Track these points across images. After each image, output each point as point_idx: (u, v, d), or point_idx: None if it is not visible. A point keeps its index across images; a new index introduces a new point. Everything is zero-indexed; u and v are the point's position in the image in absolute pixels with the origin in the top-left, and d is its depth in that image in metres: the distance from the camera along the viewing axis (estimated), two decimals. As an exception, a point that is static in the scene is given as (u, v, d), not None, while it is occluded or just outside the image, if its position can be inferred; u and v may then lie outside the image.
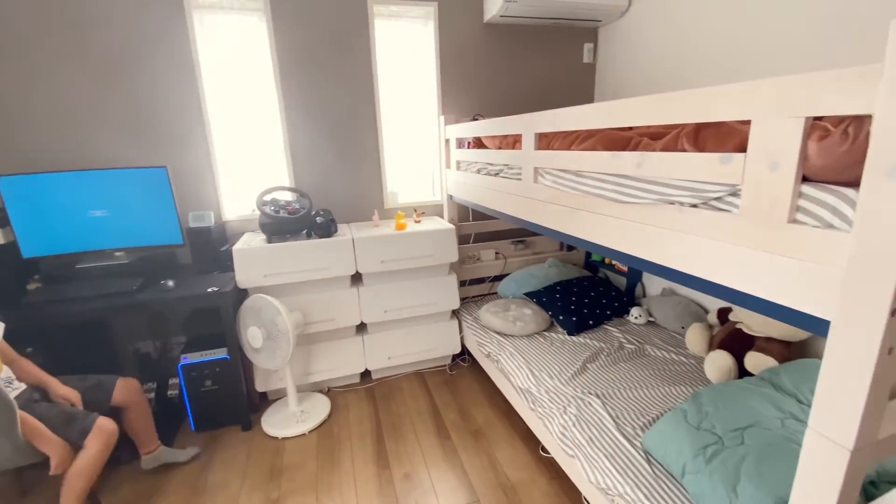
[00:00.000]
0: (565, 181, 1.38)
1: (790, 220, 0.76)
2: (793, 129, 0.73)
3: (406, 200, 2.75)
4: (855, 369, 0.67)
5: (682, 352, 2.02)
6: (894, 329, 0.64)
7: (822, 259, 0.72)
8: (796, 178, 0.74)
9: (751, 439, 1.21)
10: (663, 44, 2.31)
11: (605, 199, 1.19)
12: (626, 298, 2.53)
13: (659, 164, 1.01)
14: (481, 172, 2.05)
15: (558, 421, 1.62)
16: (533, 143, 1.54)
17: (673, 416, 1.38)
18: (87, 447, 1.41)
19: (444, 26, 2.56)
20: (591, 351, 2.04)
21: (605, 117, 1.16)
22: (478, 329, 2.40)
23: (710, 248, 0.90)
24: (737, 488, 1.10)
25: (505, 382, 2.04)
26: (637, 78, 2.54)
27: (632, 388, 1.74)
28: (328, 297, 2.25)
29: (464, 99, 2.69)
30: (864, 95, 0.64)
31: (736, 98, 0.82)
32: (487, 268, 2.80)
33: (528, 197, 1.60)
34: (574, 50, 2.84)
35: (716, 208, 0.90)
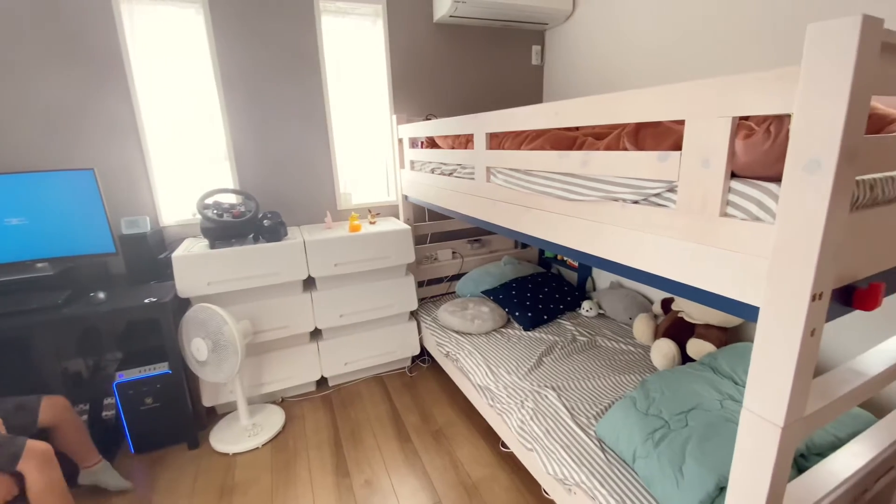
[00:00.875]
0: (516, 180, 1.40)
1: (721, 214, 0.81)
2: (721, 128, 0.78)
3: (360, 201, 2.70)
4: (782, 351, 0.72)
5: (630, 341, 2.11)
6: (815, 313, 0.70)
7: (750, 250, 0.77)
8: (726, 174, 0.79)
9: (694, 421, 1.29)
10: (606, 47, 2.41)
11: (554, 197, 1.22)
12: (577, 293, 2.62)
13: (602, 162, 1.05)
14: (435, 172, 2.05)
15: (516, 416, 1.64)
16: (484, 142, 1.55)
17: (623, 403, 1.44)
18: (26, 474, 1.29)
19: (394, 25, 2.53)
20: (547, 345, 2.10)
21: (551, 117, 1.19)
22: (437, 329, 2.39)
23: (650, 242, 0.95)
24: (682, 468, 1.16)
25: (464, 381, 2.05)
26: (582, 79, 2.64)
27: (585, 379, 1.80)
28: (279, 304, 2.17)
29: (416, 98, 2.68)
30: (784, 96, 0.69)
31: (670, 99, 0.86)
32: (445, 267, 2.81)
33: (482, 196, 1.62)
34: (523, 52, 2.90)
35: (655, 204, 0.94)
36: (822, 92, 0.62)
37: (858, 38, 0.58)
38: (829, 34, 0.61)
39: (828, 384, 0.87)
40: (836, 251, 0.69)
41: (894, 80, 0.70)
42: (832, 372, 0.92)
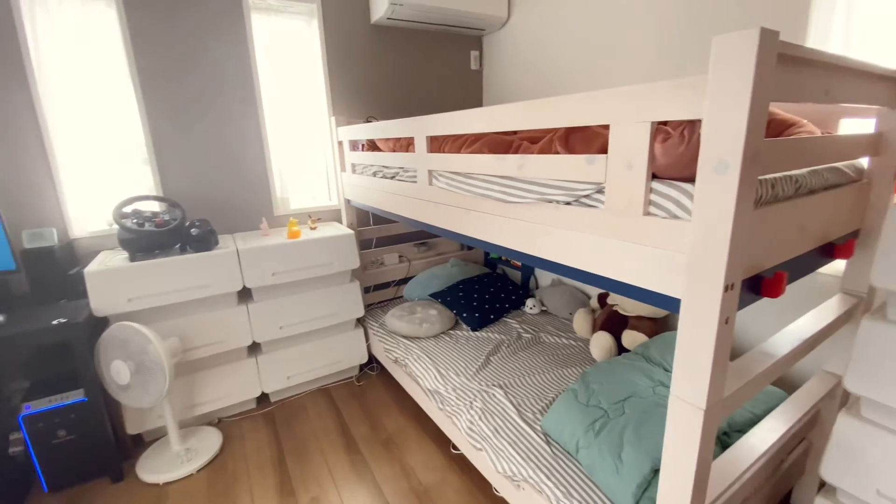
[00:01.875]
0: (458, 183, 1.41)
1: (644, 213, 0.86)
2: (641, 132, 0.82)
3: (300, 206, 2.59)
4: (700, 339, 0.78)
5: (571, 336, 2.20)
6: (728, 302, 0.76)
7: (670, 246, 0.82)
8: (647, 175, 0.84)
9: (630, 409, 1.36)
10: (541, 53, 2.50)
11: (494, 199, 1.24)
12: (521, 291, 2.69)
13: (537, 165, 1.08)
14: (377, 175, 2.01)
15: (465, 417, 1.65)
16: (425, 145, 1.55)
17: (565, 397, 1.49)
18: None
19: (330, 25, 2.47)
20: (494, 344, 2.13)
21: (487, 121, 1.20)
22: (384, 335, 2.35)
23: (582, 241, 0.99)
24: (621, 455, 1.22)
25: (414, 386, 2.03)
26: (520, 84, 2.72)
27: (530, 375, 1.85)
28: (212, 318, 2.03)
29: (356, 100, 2.63)
30: (694, 103, 0.74)
31: (595, 105, 0.90)
32: (391, 272, 2.77)
33: (425, 199, 1.61)
34: (462, 56, 2.94)
35: (586, 205, 0.98)
36: (726, 99, 0.68)
37: (757, 50, 0.64)
38: (731, 46, 0.66)
39: (743, 367, 0.95)
40: (745, 245, 0.75)
41: (790, 88, 0.79)
42: (746, 355, 1.01)
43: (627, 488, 1.15)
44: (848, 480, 1.14)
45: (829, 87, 0.89)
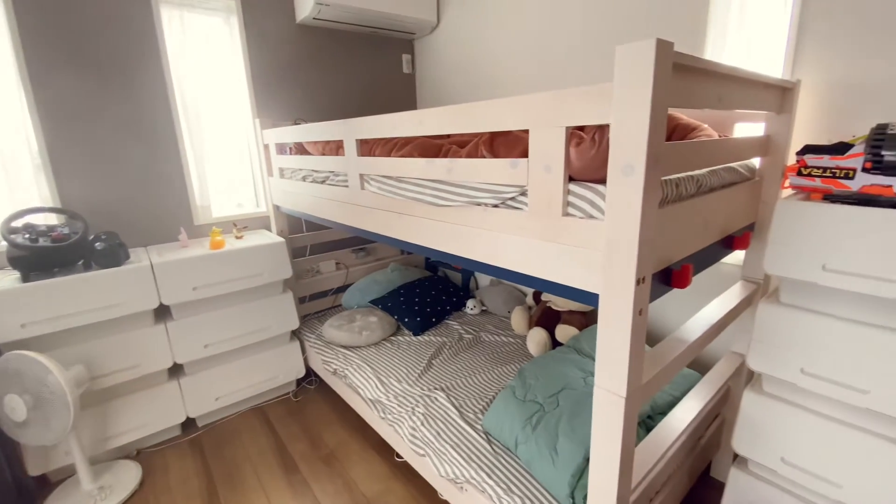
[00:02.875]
0: (389, 187, 1.39)
1: (564, 214, 0.89)
2: (557, 136, 0.86)
3: (223, 214, 2.43)
4: (618, 330, 0.82)
5: (510, 333, 2.25)
6: (640, 295, 0.81)
7: (588, 244, 0.86)
8: (564, 178, 0.88)
9: (564, 401, 1.41)
10: (471, 58, 2.55)
11: (425, 203, 1.23)
12: (462, 293, 2.71)
13: (465, 169, 1.09)
14: (307, 180, 1.94)
15: (408, 423, 1.63)
16: (355, 149, 1.51)
17: (504, 394, 1.52)
18: None
19: (252, 23, 2.34)
20: (435, 347, 2.13)
21: (415, 125, 1.20)
22: (322, 346, 2.27)
23: (510, 242, 1.01)
24: (556, 446, 1.26)
25: (355, 397, 1.97)
26: (452, 88, 2.75)
27: (472, 375, 1.87)
28: (124, 340, 1.84)
29: (282, 102, 2.51)
30: (603, 108, 0.78)
31: (515, 110, 0.92)
32: (328, 280, 2.68)
33: (357, 204, 1.57)
34: (394, 59, 2.92)
35: (511, 207, 1.01)
36: (629, 104, 0.72)
37: (654, 59, 0.68)
38: (631, 55, 0.70)
39: (658, 354, 1.02)
40: (653, 241, 0.81)
41: (686, 95, 0.85)
42: (661, 343, 1.08)
43: (563, 478, 1.19)
44: (756, 451, 1.26)
45: (721, 94, 0.98)
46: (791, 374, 1.14)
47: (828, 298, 1.10)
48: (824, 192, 1.15)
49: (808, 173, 1.18)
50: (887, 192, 1.05)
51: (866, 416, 1.08)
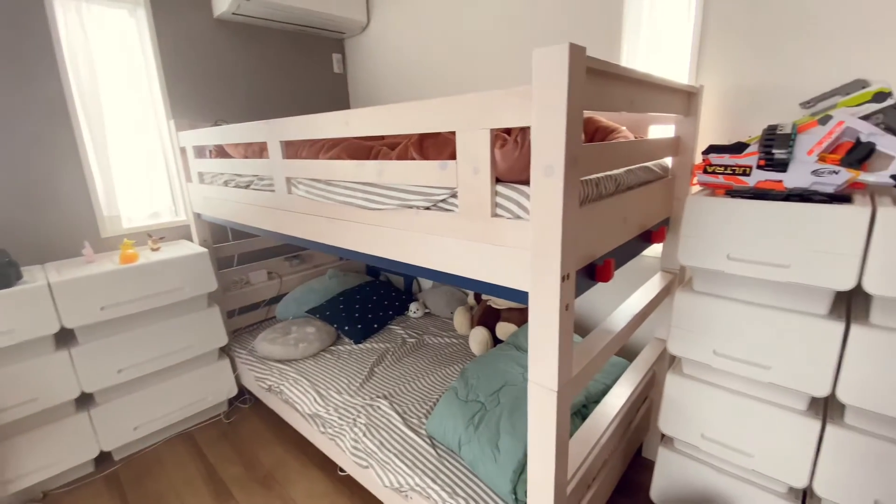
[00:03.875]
0: (318, 191, 1.33)
1: (493, 215, 0.90)
2: (483, 138, 0.86)
3: (136, 224, 2.21)
4: (546, 326, 0.84)
5: (453, 334, 2.26)
6: (566, 291, 0.83)
7: (516, 243, 0.87)
8: (491, 179, 0.89)
9: (504, 398, 1.43)
10: (403, 58, 2.53)
11: (356, 206, 1.19)
12: (405, 296, 2.68)
13: (395, 171, 1.07)
14: (230, 185, 1.81)
15: (349, 436, 1.57)
16: (280, 151, 1.44)
17: (446, 396, 1.51)
18: None
19: (162, 17, 2.16)
20: (378, 354, 2.08)
21: (341, 126, 1.16)
22: (255, 362, 2.13)
23: (442, 244, 1.00)
24: (498, 444, 1.28)
25: (293, 413, 1.88)
26: (386, 89, 2.71)
27: (415, 380, 1.84)
28: (19, 371, 1.61)
29: (201, 102, 2.34)
30: (524, 111, 0.80)
31: (442, 111, 0.92)
32: (260, 291, 2.53)
33: (284, 209, 1.49)
34: (323, 59, 2.83)
35: (443, 209, 1.00)
36: (547, 107, 0.74)
37: (568, 63, 0.70)
38: (546, 58, 0.72)
39: (587, 346, 1.06)
40: (576, 239, 0.83)
41: (600, 98, 0.89)
42: (589, 336, 1.13)
43: (505, 475, 1.21)
44: (679, 429, 1.36)
45: (633, 98, 1.04)
46: (705, 355, 1.24)
47: (733, 285, 1.20)
48: (726, 187, 1.27)
49: (713, 171, 1.28)
50: (778, 187, 1.17)
51: (770, 390, 1.19)
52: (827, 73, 1.31)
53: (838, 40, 1.27)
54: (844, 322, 1.04)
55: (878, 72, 1.23)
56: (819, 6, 1.29)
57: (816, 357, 1.07)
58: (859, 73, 1.26)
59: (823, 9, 1.28)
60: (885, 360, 0.99)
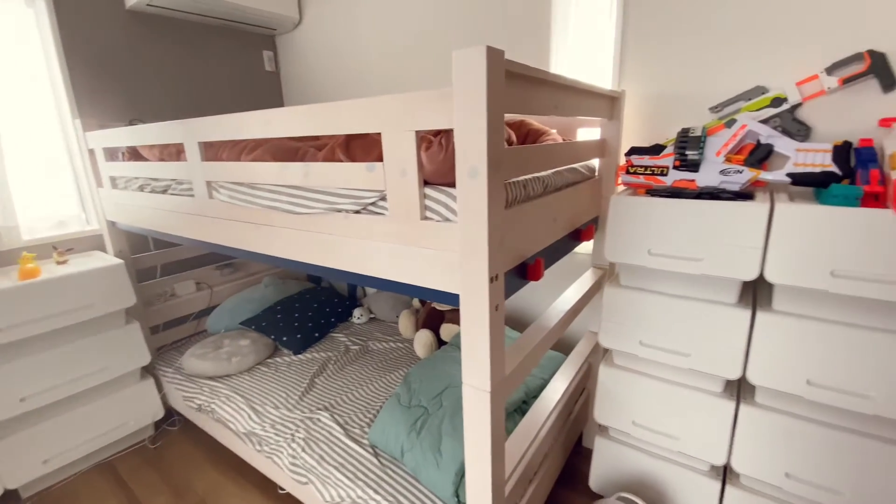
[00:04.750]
0: (241, 195, 1.25)
1: (422, 218, 0.89)
2: (408, 140, 0.85)
3: (39, 235, 1.98)
4: (477, 327, 0.84)
5: (398, 339, 2.23)
6: (495, 292, 0.83)
7: (446, 246, 0.87)
8: (419, 182, 0.87)
9: (447, 400, 1.43)
10: (338, 57, 2.46)
11: (282, 211, 1.14)
12: (348, 302, 2.61)
13: (322, 173, 1.03)
14: (145, 190, 1.67)
15: (287, 452, 1.50)
16: (198, 153, 1.34)
17: (389, 403, 1.48)
18: None
19: (66, 7, 1.95)
20: (319, 364, 2.00)
21: (263, 126, 1.10)
22: (183, 381, 1.98)
23: (373, 249, 0.98)
24: (440, 448, 1.27)
25: (226, 432, 1.76)
26: (321, 88, 2.63)
27: (358, 388, 1.79)
28: None
29: (112, 100, 2.14)
30: (446, 113, 0.79)
31: (367, 112, 0.89)
32: (188, 303, 2.36)
33: (206, 215, 1.39)
34: (254, 56, 2.69)
35: (373, 212, 0.98)
36: (468, 110, 0.74)
37: (486, 65, 0.70)
38: (465, 60, 0.72)
39: (520, 345, 1.08)
40: (503, 240, 0.84)
41: (522, 101, 0.90)
42: (523, 334, 1.15)
43: (447, 478, 1.20)
44: (613, 418, 1.42)
45: (557, 102, 1.07)
46: (632, 346, 1.31)
47: (655, 278, 1.27)
48: (647, 187, 1.34)
49: (634, 171, 1.36)
50: (691, 186, 1.26)
51: (690, 376, 1.28)
52: (732, 80, 1.42)
53: (742, 51, 1.39)
54: (751, 309, 1.13)
55: (775, 79, 1.36)
56: (724, 20, 1.40)
57: (728, 342, 1.15)
58: (759, 81, 1.38)
59: (728, 22, 1.39)
60: (786, 342, 1.09)
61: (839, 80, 1.25)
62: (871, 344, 0.99)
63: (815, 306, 1.07)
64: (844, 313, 1.04)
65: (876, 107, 1.24)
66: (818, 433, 1.10)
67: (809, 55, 1.30)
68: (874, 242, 0.94)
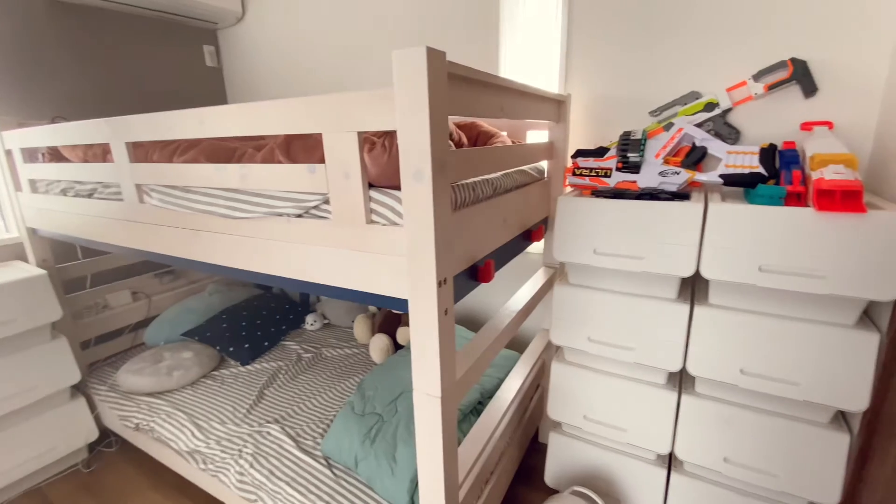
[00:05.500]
0: (175, 199, 1.17)
1: (368, 222, 0.86)
2: (350, 141, 0.82)
3: (-57, 246, 1.78)
4: (426, 332, 0.82)
5: (353, 344, 2.18)
6: (444, 296, 0.82)
7: (393, 251, 0.85)
8: (363, 184, 0.85)
9: (402, 406, 1.40)
10: (282, 53, 2.37)
11: (219, 215, 1.07)
12: (301, 308, 2.52)
13: (260, 176, 0.98)
14: (69, 193, 1.53)
15: (234, 469, 1.42)
16: (127, 154, 1.24)
17: (342, 413, 1.44)
18: None
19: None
20: (269, 374, 1.92)
21: (196, 125, 1.03)
22: (118, 398, 1.83)
23: (317, 254, 0.94)
24: (395, 455, 1.24)
25: (168, 452, 1.64)
26: (267, 85, 2.52)
27: (311, 398, 1.73)
28: None
29: (32, 97, 1.95)
30: (388, 114, 0.77)
31: (307, 112, 0.86)
32: (123, 315, 2.19)
33: (136, 220, 1.30)
34: (193, 51, 2.54)
35: (316, 216, 0.94)
36: (410, 111, 0.72)
37: (427, 67, 0.69)
38: (406, 61, 0.70)
39: (472, 347, 1.08)
40: (451, 243, 0.83)
41: (466, 103, 0.90)
42: (475, 336, 1.14)
43: (402, 486, 1.18)
44: (565, 414, 1.45)
45: (503, 104, 1.07)
46: (581, 342, 1.34)
47: (601, 276, 1.31)
48: (592, 188, 1.38)
49: (581, 173, 1.39)
50: (633, 187, 1.30)
51: (635, 369, 1.32)
52: (670, 85, 1.49)
53: (678, 57, 1.46)
54: (689, 304, 1.19)
55: (708, 85, 1.44)
56: (661, 27, 1.46)
57: (669, 336, 1.20)
58: (694, 86, 1.46)
59: (665, 29, 1.46)
60: (721, 334, 1.15)
61: (765, 87, 1.34)
62: (797, 333, 1.07)
63: (746, 300, 1.13)
64: (773, 305, 1.11)
65: (798, 111, 1.34)
66: (752, 419, 1.17)
67: (738, 62, 1.38)
68: (797, 239, 1.01)
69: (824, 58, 1.27)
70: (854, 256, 0.96)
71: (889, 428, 1.00)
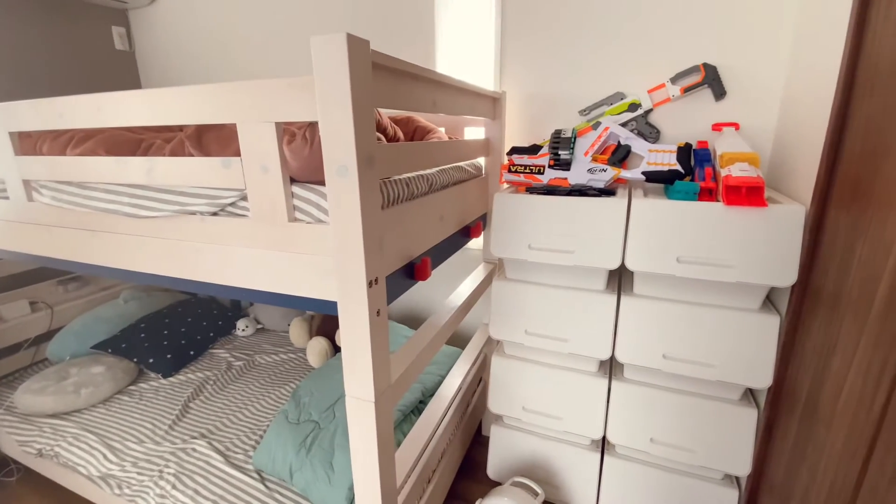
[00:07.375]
0: (70, 196, 1.04)
1: (290, 220, 0.81)
2: (267, 133, 0.76)
3: None
4: (358, 334, 0.79)
5: (289, 349, 2.07)
6: (375, 296, 0.79)
7: (318, 250, 0.80)
8: (284, 179, 0.79)
9: (340, 412, 1.35)
10: (202, 36, 2.20)
11: (122, 214, 0.96)
12: (231, 313, 2.36)
13: (169, 170, 0.89)
14: (-62, 193, 1.31)
15: (154, 492, 1.29)
16: (11, 146, 1.08)
17: (275, 422, 1.36)
18: None
19: None
20: (195, 386, 1.77)
21: (92, 113, 0.91)
22: (16, 422, 1.61)
23: (235, 255, 0.87)
24: (332, 462, 1.20)
25: (78, 478, 1.47)
26: (184, 71, 2.33)
27: (242, 409, 1.63)
28: None
29: None
30: (309, 104, 0.72)
31: (216, 100, 0.78)
32: (20, 328, 1.93)
33: (24, 221, 1.13)
34: (100, 33, 2.29)
35: (233, 214, 0.87)
36: (332, 102, 0.68)
37: (348, 55, 0.65)
38: (324, 48, 0.66)
39: (408, 347, 1.05)
40: (381, 241, 0.80)
41: (394, 95, 0.86)
42: (414, 334, 1.12)
43: (340, 494, 1.13)
44: (505, 406, 1.47)
45: (436, 99, 1.05)
46: (519, 335, 1.36)
47: (536, 270, 1.34)
48: (527, 185, 1.40)
49: (516, 170, 1.41)
50: (564, 184, 1.34)
51: (569, 359, 1.37)
52: (597, 85, 1.55)
53: (603, 58, 1.52)
54: (616, 295, 1.25)
55: (631, 86, 1.51)
56: (588, 29, 1.51)
57: (599, 326, 1.25)
58: (619, 87, 1.53)
59: (591, 31, 1.51)
60: (646, 322, 1.21)
61: (681, 89, 1.43)
62: (710, 319, 1.15)
63: (667, 289, 1.20)
64: (690, 294, 1.19)
65: (710, 113, 1.44)
66: (674, 400, 1.25)
67: (658, 66, 1.46)
68: (709, 231, 1.08)
69: (731, 64, 1.38)
70: (757, 246, 1.05)
71: (789, 403, 1.10)
